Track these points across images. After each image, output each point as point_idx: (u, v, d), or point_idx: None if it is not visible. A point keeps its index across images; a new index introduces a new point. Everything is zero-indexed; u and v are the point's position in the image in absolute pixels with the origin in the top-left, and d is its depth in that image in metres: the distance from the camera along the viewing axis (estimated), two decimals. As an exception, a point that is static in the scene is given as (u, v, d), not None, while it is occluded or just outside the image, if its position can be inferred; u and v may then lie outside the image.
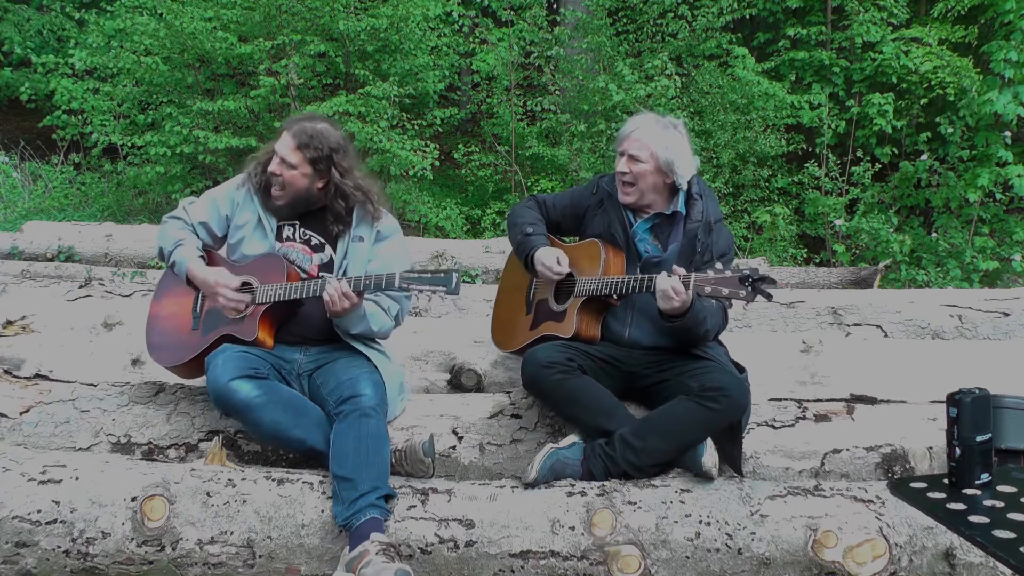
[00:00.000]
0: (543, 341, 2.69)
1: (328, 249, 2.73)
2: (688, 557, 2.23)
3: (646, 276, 2.52)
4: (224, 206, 2.77)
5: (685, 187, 2.70)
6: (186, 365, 2.70)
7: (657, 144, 2.64)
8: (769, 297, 2.33)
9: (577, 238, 2.89)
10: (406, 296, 2.71)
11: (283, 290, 2.57)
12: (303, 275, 2.68)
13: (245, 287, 2.66)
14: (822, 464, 2.60)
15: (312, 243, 2.74)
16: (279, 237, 2.72)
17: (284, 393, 2.52)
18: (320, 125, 2.70)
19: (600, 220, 2.77)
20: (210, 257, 2.78)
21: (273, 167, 2.67)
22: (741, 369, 2.65)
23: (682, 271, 2.41)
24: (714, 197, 2.79)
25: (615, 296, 2.65)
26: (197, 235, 2.77)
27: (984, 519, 1.20)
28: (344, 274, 2.67)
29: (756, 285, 2.28)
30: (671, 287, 2.38)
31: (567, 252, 2.79)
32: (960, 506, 1.24)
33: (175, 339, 2.74)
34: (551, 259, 2.71)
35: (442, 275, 2.39)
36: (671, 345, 2.63)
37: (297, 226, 2.74)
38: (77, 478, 2.37)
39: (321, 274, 2.70)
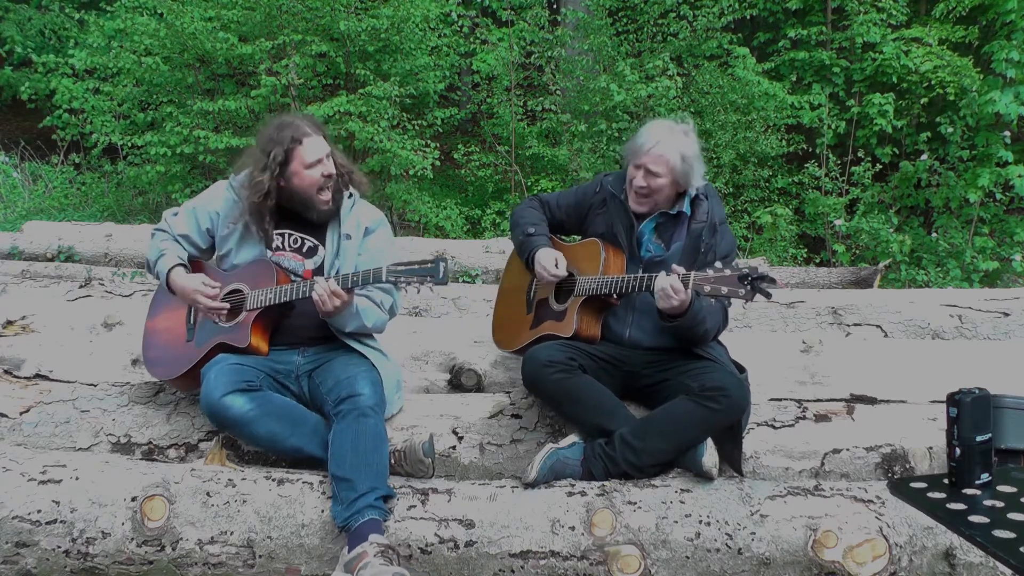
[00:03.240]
0: (543, 341, 2.69)
1: (320, 251, 2.71)
2: (688, 557, 2.23)
3: (646, 275, 2.51)
4: (204, 219, 2.73)
5: (694, 193, 2.69)
6: (184, 377, 2.68)
7: (675, 158, 2.60)
8: (768, 296, 2.33)
9: (579, 237, 2.89)
10: (397, 287, 2.67)
11: (273, 294, 2.56)
12: (297, 279, 2.66)
13: (235, 294, 2.65)
14: (822, 464, 2.60)
15: (304, 249, 2.72)
16: (269, 247, 2.69)
17: (278, 403, 2.51)
18: (297, 117, 2.68)
19: (603, 220, 2.77)
20: (198, 267, 2.76)
21: (330, 170, 2.63)
22: (741, 369, 2.65)
23: (681, 270, 2.40)
24: (719, 198, 2.78)
25: (615, 295, 2.65)
26: (181, 246, 2.74)
27: (984, 519, 1.20)
28: (337, 273, 2.66)
29: (755, 284, 2.27)
30: (670, 285, 2.38)
31: (567, 252, 2.78)
32: (960, 506, 1.24)
33: (172, 352, 2.73)
34: (549, 261, 2.71)
35: (429, 264, 2.35)
36: (671, 345, 2.62)
37: (287, 235, 2.71)
38: (77, 478, 2.37)
39: (315, 277, 2.68)
